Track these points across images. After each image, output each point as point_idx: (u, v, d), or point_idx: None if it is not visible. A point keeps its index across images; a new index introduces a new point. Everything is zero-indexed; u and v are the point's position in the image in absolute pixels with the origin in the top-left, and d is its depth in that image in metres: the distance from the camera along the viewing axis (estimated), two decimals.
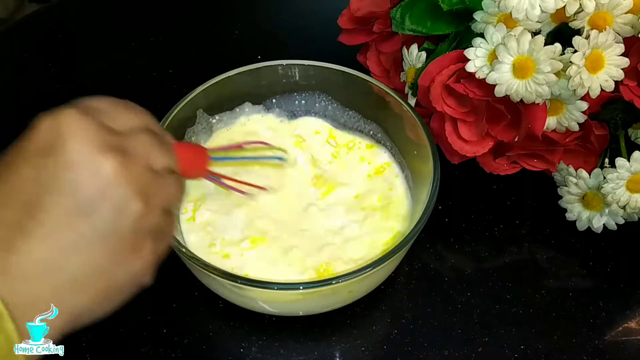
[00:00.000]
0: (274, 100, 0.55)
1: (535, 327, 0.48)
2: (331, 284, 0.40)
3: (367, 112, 0.54)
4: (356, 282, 0.41)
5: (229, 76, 0.51)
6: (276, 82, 0.54)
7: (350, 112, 0.55)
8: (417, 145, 0.49)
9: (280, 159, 0.50)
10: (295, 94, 0.55)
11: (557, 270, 0.52)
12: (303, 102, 0.55)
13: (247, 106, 0.55)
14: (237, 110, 0.55)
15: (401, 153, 0.52)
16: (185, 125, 0.51)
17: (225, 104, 0.54)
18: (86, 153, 0.28)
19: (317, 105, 0.55)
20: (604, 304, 0.50)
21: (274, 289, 0.40)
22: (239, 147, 0.47)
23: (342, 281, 0.40)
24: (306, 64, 0.53)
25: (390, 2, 0.54)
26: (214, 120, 0.53)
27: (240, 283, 0.40)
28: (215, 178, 0.42)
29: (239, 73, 0.52)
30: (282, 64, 0.53)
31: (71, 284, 0.28)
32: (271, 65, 0.53)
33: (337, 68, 0.52)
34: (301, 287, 0.40)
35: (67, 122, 0.28)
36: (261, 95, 0.55)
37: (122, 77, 0.66)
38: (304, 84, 0.54)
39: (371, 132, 0.55)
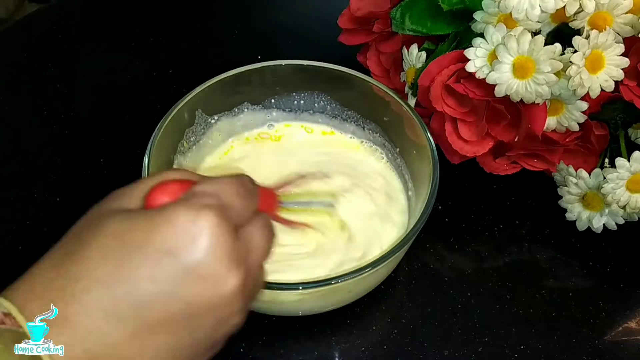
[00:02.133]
0: (272, 101, 0.55)
1: (535, 327, 0.48)
2: (330, 284, 0.40)
3: (366, 112, 0.54)
4: (356, 282, 0.41)
5: (228, 76, 0.51)
6: (275, 82, 0.54)
7: (349, 112, 0.55)
8: (417, 145, 0.49)
9: (330, 205, 0.48)
10: (294, 94, 0.55)
11: (557, 270, 0.52)
12: (302, 102, 0.55)
13: (246, 106, 0.55)
14: (236, 110, 0.55)
15: (401, 153, 0.52)
16: (184, 126, 0.51)
17: (225, 104, 0.54)
18: (214, 268, 0.27)
19: (316, 105, 0.55)
20: (604, 304, 0.50)
21: (273, 288, 0.40)
22: (296, 180, 0.42)
23: (341, 281, 0.40)
24: (306, 64, 0.53)
25: (390, 2, 0.54)
26: (212, 121, 0.53)
27: None
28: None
29: (238, 73, 0.52)
30: (282, 64, 0.53)
31: None
32: (271, 65, 0.53)
33: (337, 68, 0.52)
34: (300, 287, 0.40)
35: (207, 230, 0.27)
36: (260, 96, 0.55)
37: (122, 77, 0.66)
38: (303, 84, 0.54)
39: (370, 132, 0.55)
